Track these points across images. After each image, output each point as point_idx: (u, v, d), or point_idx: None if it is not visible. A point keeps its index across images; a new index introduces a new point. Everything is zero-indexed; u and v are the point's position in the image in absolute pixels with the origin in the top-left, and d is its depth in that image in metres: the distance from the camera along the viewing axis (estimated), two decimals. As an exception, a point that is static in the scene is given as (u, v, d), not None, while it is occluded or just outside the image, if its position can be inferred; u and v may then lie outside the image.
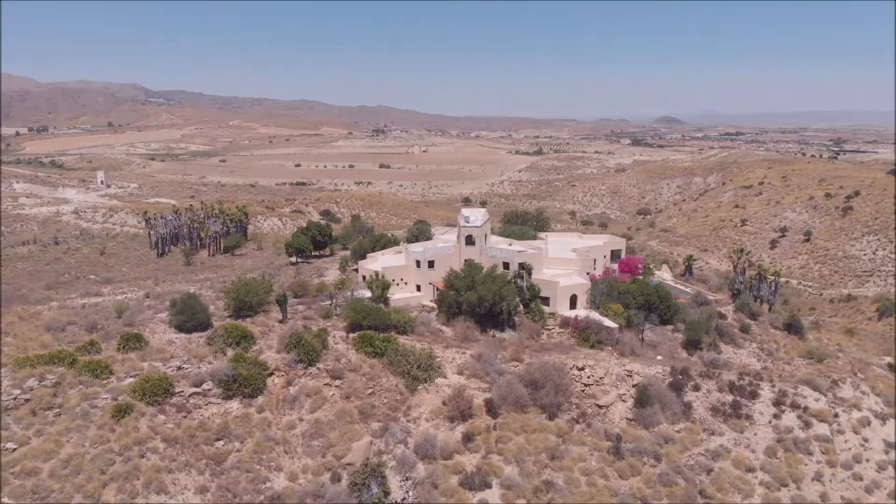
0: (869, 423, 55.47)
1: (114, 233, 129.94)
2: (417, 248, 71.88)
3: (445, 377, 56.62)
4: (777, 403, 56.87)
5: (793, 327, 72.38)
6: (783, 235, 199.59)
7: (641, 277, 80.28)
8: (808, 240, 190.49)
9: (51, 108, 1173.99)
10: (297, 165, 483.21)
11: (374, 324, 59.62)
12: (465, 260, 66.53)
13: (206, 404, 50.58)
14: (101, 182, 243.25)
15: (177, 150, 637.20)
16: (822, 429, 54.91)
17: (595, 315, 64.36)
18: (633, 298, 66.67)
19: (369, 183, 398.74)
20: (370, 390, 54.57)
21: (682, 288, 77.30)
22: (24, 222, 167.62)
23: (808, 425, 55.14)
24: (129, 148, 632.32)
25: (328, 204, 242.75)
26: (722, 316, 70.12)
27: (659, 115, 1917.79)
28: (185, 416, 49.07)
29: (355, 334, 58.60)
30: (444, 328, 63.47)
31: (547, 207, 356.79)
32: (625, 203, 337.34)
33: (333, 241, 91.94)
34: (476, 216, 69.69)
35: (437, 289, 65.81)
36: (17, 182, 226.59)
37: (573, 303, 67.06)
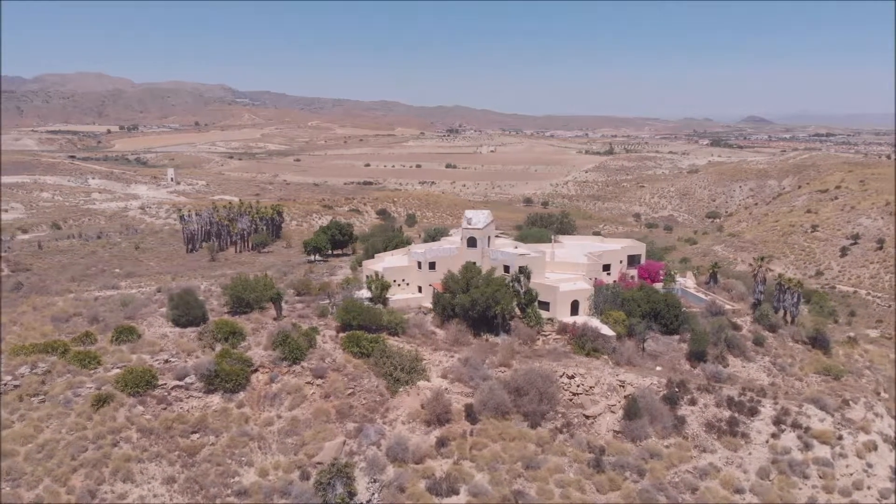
0: (876, 448, 51.53)
1: (158, 229, 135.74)
2: (419, 249, 71.71)
3: (428, 380, 56.19)
4: (777, 422, 53.64)
5: (818, 341, 68.09)
6: (855, 243, 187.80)
7: (662, 284, 77.57)
8: (880, 248, 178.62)
9: (142, 108, 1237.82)
10: (367, 165, 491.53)
11: (365, 324, 59.80)
12: (466, 262, 65.83)
13: (188, 397, 52.03)
14: (171, 179, 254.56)
15: (255, 149, 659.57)
16: (822, 451, 51.40)
17: (594, 322, 62.44)
18: (637, 306, 64.28)
19: (433, 183, 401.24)
20: (350, 390, 54.80)
21: (702, 297, 73.95)
22: (92, 216, 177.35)
23: (807, 447, 51.74)
24: (210, 146, 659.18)
25: (385, 203, 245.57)
26: (736, 327, 66.66)
27: (746, 115, 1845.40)
28: (164, 409, 50.63)
29: (344, 334, 58.93)
30: (437, 330, 63.04)
31: (612, 209, 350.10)
32: (693, 206, 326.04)
33: (354, 241, 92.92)
34: (479, 218, 68.88)
35: (436, 290, 65.42)
36: (93, 178, 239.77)
37: (575, 309, 65.28)
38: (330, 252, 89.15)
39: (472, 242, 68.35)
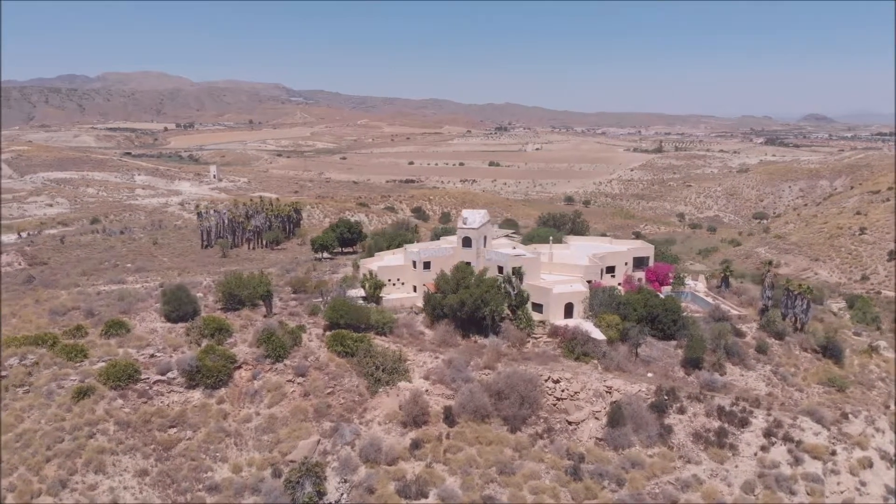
0: (871, 465, 48.82)
1: (184, 225, 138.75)
2: (415, 248, 71.25)
3: (410, 381, 55.74)
4: (768, 434, 51.39)
5: (829, 350, 65.04)
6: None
7: (671, 287, 75.44)
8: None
9: (199, 106, 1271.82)
10: (410, 163, 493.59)
11: (353, 323, 59.67)
12: (459, 262, 65.12)
13: (169, 392, 52.83)
14: (214, 176, 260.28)
15: (304, 147, 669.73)
16: (813, 467, 48.99)
17: (586, 325, 60.96)
18: (633, 310, 62.50)
19: (474, 181, 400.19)
20: (330, 389, 54.79)
21: (709, 301, 71.48)
22: (133, 212, 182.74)
23: (798, 461, 49.38)
24: (260, 144, 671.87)
25: (421, 201, 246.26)
26: (740, 333, 64.19)
27: (807, 113, 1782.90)
28: (144, 402, 51.48)
29: (330, 333, 58.96)
30: (427, 331, 62.49)
31: (656, 208, 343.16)
32: (740, 206, 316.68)
33: (363, 239, 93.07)
34: (474, 218, 67.97)
35: (427, 290, 64.91)
36: (139, 174, 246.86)
37: (569, 311, 63.84)
38: (340, 250, 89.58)
39: (467, 242, 67.55)
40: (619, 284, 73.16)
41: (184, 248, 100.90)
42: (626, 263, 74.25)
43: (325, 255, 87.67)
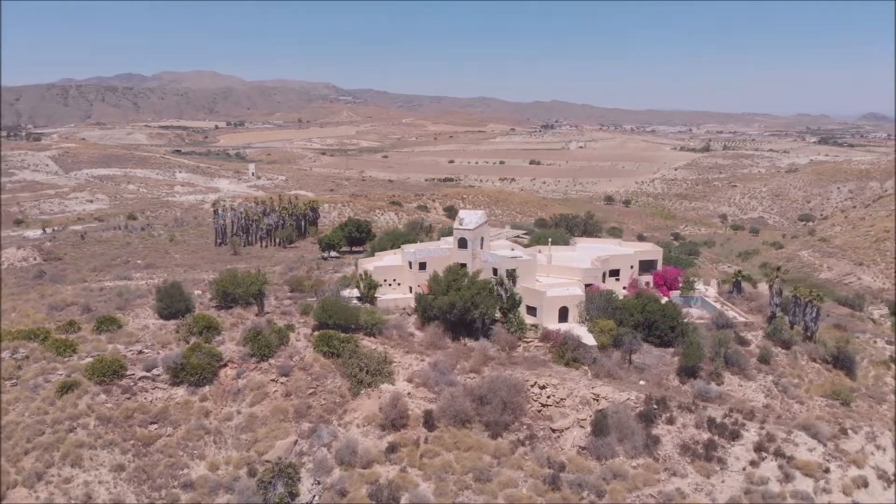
0: (866, 485, 46.15)
1: (202, 222, 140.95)
2: (411, 248, 70.61)
3: (393, 384, 55.18)
4: (759, 449, 49.10)
5: (840, 360, 62.05)
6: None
7: (679, 292, 73.23)
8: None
9: (250, 105, 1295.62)
10: (451, 162, 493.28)
11: (342, 323, 59.44)
12: (452, 263, 64.24)
13: (153, 388, 53.36)
14: (252, 174, 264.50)
15: (348, 145, 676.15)
16: (804, 484, 46.58)
17: (578, 330, 59.43)
18: (630, 315, 60.68)
19: (513, 179, 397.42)
20: (312, 390, 54.62)
21: (718, 307, 68.99)
22: (169, 208, 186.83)
23: (788, 478, 47.02)
24: (306, 143, 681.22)
25: (454, 200, 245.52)
26: (743, 342, 61.75)
27: (866, 112, 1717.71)
28: (128, 398, 52.11)
29: (317, 333, 58.83)
30: (417, 332, 61.85)
31: (698, 209, 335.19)
32: (786, 207, 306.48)
33: (372, 238, 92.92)
34: (470, 218, 66.99)
35: (418, 291, 64.27)
36: (180, 172, 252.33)
37: (563, 315, 62.35)
38: (349, 249, 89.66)
39: (462, 243, 66.61)
40: (625, 288, 71.37)
41: (199, 246, 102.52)
42: (631, 267, 72.23)
43: (333, 253, 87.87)
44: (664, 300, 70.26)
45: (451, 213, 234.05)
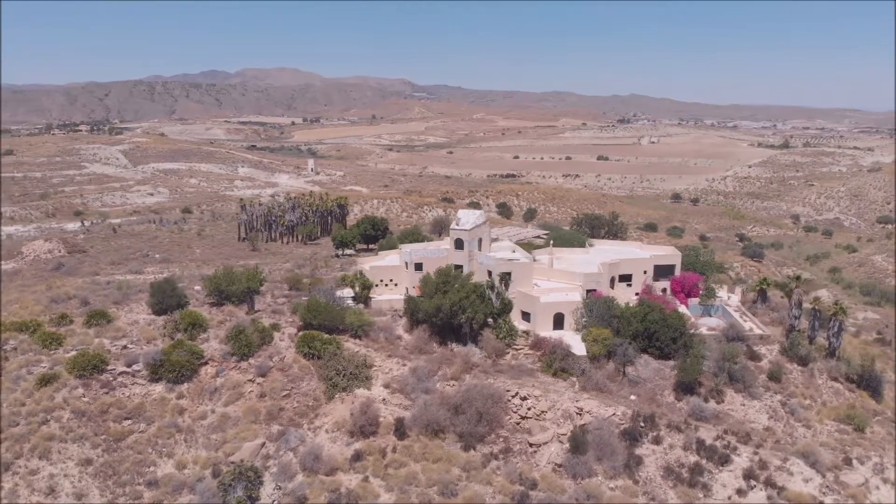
0: (863, 525, 41.36)
1: (232, 217, 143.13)
2: (408, 248, 68.69)
3: (369, 389, 53.62)
4: (748, 476, 44.92)
5: (866, 380, 56.51)
6: None
7: (699, 300, 68.72)
8: None
9: (327, 101, 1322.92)
10: (515, 157, 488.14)
11: (327, 324, 58.33)
12: (444, 265, 62.07)
13: (132, 384, 53.64)
14: (311, 169, 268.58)
15: (416, 141, 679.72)
16: (793, 519, 42.21)
17: (570, 338, 56.24)
18: (628, 324, 56.97)
19: (577, 175, 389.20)
20: (286, 392, 53.74)
21: (737, 317, 64.18)
22: (226, 202, 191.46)
23: (776, 511, 42.76)
24: (376, 139, 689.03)
25: (508, 196, 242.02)
26: (755, 356, 56.99)
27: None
28: (105, 393, 52.58)
29: (301, 333, 57.90)
30: (405, 335, 60.04)
31: (770, 209, 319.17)
32: (864, 209, 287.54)
33: (389, 236, 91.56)
34: (467, 218, 64.51)
35: (407, 293, 62.41)
36: (242, 167, 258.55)
37: (559, 322, 59.21)
38: (365, 247, 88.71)
39: (459, 244, 64.28)
40: (637, 295, 67.40)
41: (222, 241, 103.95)
42: (644, 272, 68.11)
43: (348, 251, 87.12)
44: (681, 308, 66.11)
45: (504, 209, 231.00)
